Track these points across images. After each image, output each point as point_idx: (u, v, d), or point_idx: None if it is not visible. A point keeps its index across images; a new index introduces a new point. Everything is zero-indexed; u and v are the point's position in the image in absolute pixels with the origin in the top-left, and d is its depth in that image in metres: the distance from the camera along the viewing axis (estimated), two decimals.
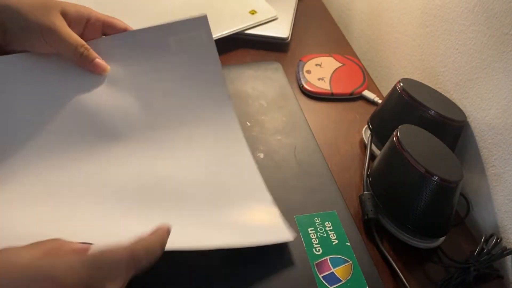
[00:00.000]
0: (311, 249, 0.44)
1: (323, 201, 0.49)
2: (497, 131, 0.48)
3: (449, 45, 0.55)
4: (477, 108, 0.51)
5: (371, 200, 0.49)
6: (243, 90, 0.63)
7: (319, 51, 0.75)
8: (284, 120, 0.59)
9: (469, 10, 0.50)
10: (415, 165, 0.44)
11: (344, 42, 0.80)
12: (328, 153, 0.57)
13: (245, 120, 0.58)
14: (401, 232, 0.48)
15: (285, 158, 0.54)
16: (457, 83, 0.54)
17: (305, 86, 0.66)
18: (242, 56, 0.73)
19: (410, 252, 0.48)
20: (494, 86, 0.48)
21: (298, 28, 0.81)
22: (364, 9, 0.78)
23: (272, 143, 0.56)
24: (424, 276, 0.46)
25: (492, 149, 0.50)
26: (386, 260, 0.46)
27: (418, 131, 0.49)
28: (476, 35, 0.50)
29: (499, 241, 0.47)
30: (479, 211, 0.53)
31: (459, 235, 0.51)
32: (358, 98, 0.67)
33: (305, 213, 0.48)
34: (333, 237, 0.46)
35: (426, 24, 0.59)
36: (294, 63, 0.72)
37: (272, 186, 0.50)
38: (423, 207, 0.45)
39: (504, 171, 0.48)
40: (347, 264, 0.43)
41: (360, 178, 0.55)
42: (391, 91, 0.55)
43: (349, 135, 0.61)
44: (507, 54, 0.46)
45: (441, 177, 0.44)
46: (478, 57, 0.50)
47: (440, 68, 0.57)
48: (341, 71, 0.70)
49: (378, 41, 0.74)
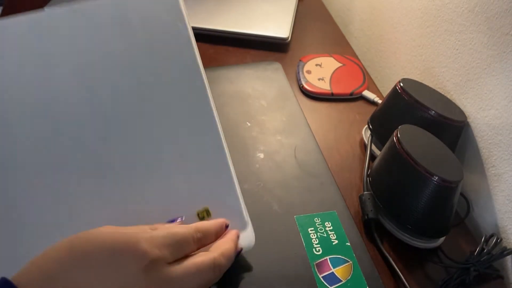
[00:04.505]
0: (311, 249, 0.44)
1: (323, 201, 0.49)
2: (497, 131, 0.48)
3: (449, 45, 0.55)
4: (477, 108, 0.51)
5: (371, 200, 0.49)
6: (243, 90, 0.63)
7: (319, 51, 0.75)
8: (284, 120, 0.59)
9: (469, 10, 0.50)
10: (415, 165, 0.44)
11: (344, 42, 0.80)
12: (328, 153, 0.57)
13: (245, 120, 0.58)
14: (401, 232, 0.48)
15: (285, 158, 0.54)
16: (457, 83, 0.54)
17: (305, 86, 0.66)
18: (242, 56, 0.73)
19: (410, 252, 0.48)
20: (494, 86, 0.48)
21: (298, 28, 0.81)
22: (364, 9, 0.78)
23: (272, 143, 0.56)
24: (424, 276, 0.46)
25: (492, 149, 0.50)
26: (386, 260, 0.46)
27: (418, 131, 0.49)
28: (476, 35, 0.50)
29: (499, 241, 0.47)
30: (479, 211, 0.53)
31: (459, 235, 0.51)
32: (358, 98, 0.67)
33: (305, 213, 0.48)
34: (333, 237, 0.46)
35: (426, 24, 0.59)
36: (294, 63, 0.72)
37: (272, 186, 0.50)
38: (423, 207, 0.45)
39: (504, 171, 0.48)
40: (347, 264, 0.43)
41: (360, 178, 0.55)
42: (391, 91, 0.55)
43: (349, 135, 0.61)
44: (507, 54, 0.46)
45: (441, 177, 0.44)
46: (478, 57, 0.50)
47: (440, 68, 0.57)
48: (341, 71, 0.70)
49: (378, 41, 0.74)
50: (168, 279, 0.30)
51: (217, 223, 0.38)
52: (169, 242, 0.31)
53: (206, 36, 0.75)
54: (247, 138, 0.52)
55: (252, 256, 0.43)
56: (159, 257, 0.30)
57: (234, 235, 0.38)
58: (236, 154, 0.53)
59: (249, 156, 0.53)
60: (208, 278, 0.33)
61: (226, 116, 0.59)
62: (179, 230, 0.33)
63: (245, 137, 0.55)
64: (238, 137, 0.56)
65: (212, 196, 0.40)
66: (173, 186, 0.40)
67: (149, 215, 0.38)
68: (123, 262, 0.29)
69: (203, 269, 0.33)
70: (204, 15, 0.77)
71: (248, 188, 0.50)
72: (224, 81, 0.65)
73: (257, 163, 0.53)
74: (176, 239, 0.32)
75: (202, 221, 0.39)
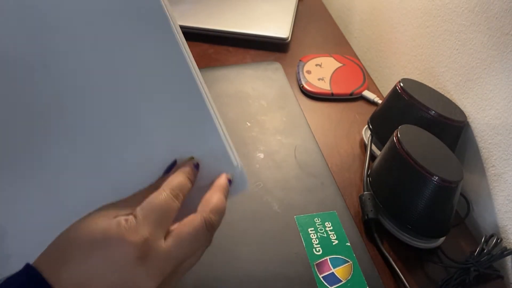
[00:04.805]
0: (311, 249, 0.44)
1: (323, 201, 0.49)
2: (497, 131, 0.48)
3: (449, 45, 0.55)
4: (477, 108, 0.51)
5: (371, 200, 0.49)
6: (243, 90, 0.63)
7: (319, 51, 0.75)
8: (284, 120, 0.59)
9: (469, 10, 0.50)
10: (415, 165, 0.44)
11: (344, 42, 0.80)
12: (328, 153, 0.57)
13: (245, 120, 0.58)
14: (401, 232, 0.48)
15: (285, 158, 0.54)
16: (457, 83, 0.54)
17: (305, 86, 0.66)
18: (242, 56, 0.73)
19: (410, 252, 0.48)
20: (494, 86, 0.48)
21: (298, 28, 0.81)
22: (364, 9, 0.78)
23: (272, 143, 0.56)
24: (424, 276, 0.46)
25: (492, 149, 0.50)
26: (386, 260, 0.46)
27: (418, 131, 0.49)
28: (476, 35, 0.50)
29: (499, 241, 0.47)
30: (479, 211, 0.53)
31: (459, 235, 0.51)
32: (358, 98, 0.67)
33: (305, 213, 0.48)
34: (333, 237, 0.46)
35: (426, 24, 0.59)
36: (294, 63, 0.72)
37: (272, 186, 0.50)
38: (423, 207, 0.45)
39: (504, 171, 0.48)
40: (347, 264, 0.43)
41: (360, 178, 0.55)
42: (391, 91, 0.55)
43: (349, 135, 0.61)
44: (507, 54, 0.46)
45: (441, 177, 0.44)
46: (478, 57, 0.50)
47: (440, 68, 0.57)
48: (341, 71, 0.70)
49: (378, 41, 0.74)
50: (166, 256, 0.29)
51: (182, 170, 0.34)
52: (151, 218, 0.30)
53: (206, 36, 0.75)
54: (247, 138, 0.52)
55: (252, 256, 0.43)
56: (147, 240, 0.29)
57: (221, 183, 0.35)
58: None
59: (249, 156, 0.53)
60: (205, 239, 0.32)
61: (226, 116, 0.59)
62: (154, 200, 0.31)
63: (245, 137, 0.55)
64: (238, 137, 0.56)
65: (193, 143, 0.37)
66: (152, 143, 0.36)
67: (131, 178, 0.35)
68: (115, 258, 0.28)
69: (197, 233, 0.31)
70: (204, 15, 0.77)
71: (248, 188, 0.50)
72: (224, 81, 0.65)
73: (257, 163, 0.53)
74: (155, 211, 0.30)
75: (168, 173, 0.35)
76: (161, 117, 0.36)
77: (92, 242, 0.28)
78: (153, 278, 0.28)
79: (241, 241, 0.44)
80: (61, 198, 0.36)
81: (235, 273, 0.42)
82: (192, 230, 0.31)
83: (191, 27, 0.74)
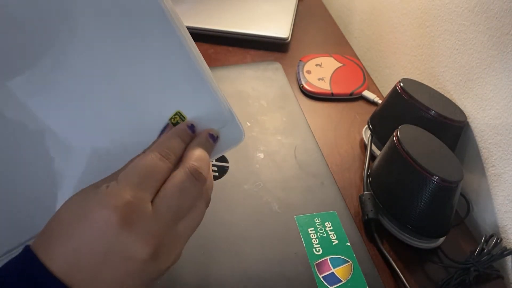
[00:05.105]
0: (311, 249, 0.44)
1: (323, 201, 0.49)
2: (497, 131, 0.48)
3: (449, 45, 0.55)
4: (477, 108, 0.51)
5: (371, 200, 0.49)
6: (243, 90, 0.63)
7: (319, 51, 0.75)
8: (284, 120, 0.59)
9: (469, 10, 0.51)
10: (415, 165, 0.44)
11: (344, 42, 0.80)
12: (328, 153, 0.57)
13: (245, 120, 0.58)
14: (401, 232, 0.48)
15: (285, 158, 0.54)
16: (457, 83, 0.54)
17: (305, 86, 0.66)
18: (242, 56, 0.73)
19: (410, 252, 0.48)
20: (494, 86, 0.48)
21: (298, 28, 0.81)
22: (364, 9, 0.78)
23: (272, 143, 0.56)
24: (424, 276, 0.46)
25: (492, 149, 0.50)
26: (386, 260, 0.46)
27: (418, 131, 0.49)
28: (476, 35, 0.50)
29: (499, 241, 0.47)
30: (479, 211, 0.53)
31: (459, 235, 0.51)
32: (358, 98, 0.67)
33: (305, 213, 0.48)
34: (333, 237, 0.46)
35: (426, 24, 0.59)
36: (294, 63, 0.72)
37: (272, 186, 0.50)
38: (423, 207, 0.45)
39: (504, 171, 0.48)
40: (347, 264, 0.43)
41: (360, 178, 0.55)
42: (391, 91, 0.55)
43: (349, 135, 0.61)
44: (507, 54, 0.46)
45: (441, 177, 0.44)
46: (478, 57, 0.50)
47: (440, 68, 0.57)
48: (341, 71, 0.70)
49: (378, 41, 0.74)
50: (153, 217, 0.27)
51: (175, 131, 0.33)
52: (133, 181, 0.28)
53: (206, 36, 0.75)
54: (247, 138, 0.51)
55: (252, 256, 0.43)
56: (129, 203, 0.27)
57: (201, 141, 0.33)
58: (236, 154, 0.53)
59: (249, 156, 0.53)
60: (196, 190, 0.30)
61: None
62: (138, 162, 0.29)
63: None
64: None
65: (182, 97, 0.36)
66: (139, 101, 0.35)
67: (122, 140, 0.34)
68: (97, 225, 0.26)
69: (182, 184, 0.29)
70: (204, 15, 0.77)
71: (248, 188, 0.50)
72: (224, 81, 0.65)
73: (257, 163, 0.53)
74: (139, 173, 0.28)
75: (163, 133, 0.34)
76: (151, 80, 0.35)
77: (75, 215, 0.27)
78: (144, 242, 0.27)
79: (241, 241, 0.44)
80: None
81: (235, 273, 0.42)
82: (177, 182, 0.29)
83: (191, 27, 0.74)
